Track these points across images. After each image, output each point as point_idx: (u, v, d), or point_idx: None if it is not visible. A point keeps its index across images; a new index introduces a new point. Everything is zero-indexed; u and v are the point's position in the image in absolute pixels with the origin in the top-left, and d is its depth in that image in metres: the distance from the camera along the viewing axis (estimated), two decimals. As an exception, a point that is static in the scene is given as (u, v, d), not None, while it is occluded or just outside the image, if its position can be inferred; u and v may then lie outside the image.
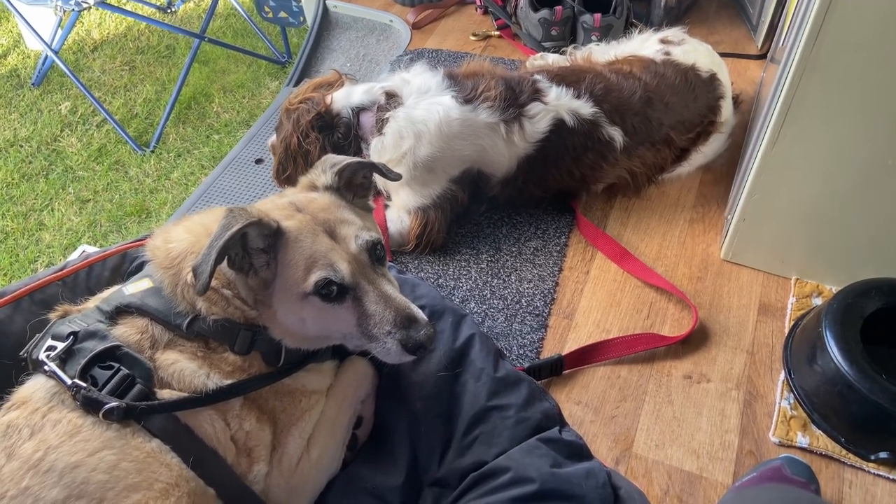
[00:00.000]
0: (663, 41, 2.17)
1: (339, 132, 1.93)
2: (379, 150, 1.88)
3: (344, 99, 1.94)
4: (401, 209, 1.97)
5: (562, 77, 1.97)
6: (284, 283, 1.15)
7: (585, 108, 1.92)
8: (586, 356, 1.71)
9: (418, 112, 1.85)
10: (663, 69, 2.03)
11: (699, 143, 2.11)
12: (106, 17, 4.13)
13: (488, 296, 1.88)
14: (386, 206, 2.03)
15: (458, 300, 1.87)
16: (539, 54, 2.51)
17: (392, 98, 1.90)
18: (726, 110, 2.13)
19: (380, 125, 1.88)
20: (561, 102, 1.91)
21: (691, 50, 2.12)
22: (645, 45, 2.20)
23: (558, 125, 1.90)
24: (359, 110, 1.93)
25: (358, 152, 1.94)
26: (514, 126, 1.88)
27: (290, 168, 1.99)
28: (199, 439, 1.12)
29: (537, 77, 1.95)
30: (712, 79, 2.09)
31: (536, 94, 1.91)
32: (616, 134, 1.94)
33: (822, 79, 1.48)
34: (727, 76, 2.17)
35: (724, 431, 1.58)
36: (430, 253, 2.00)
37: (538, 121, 1.89)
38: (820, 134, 1.57)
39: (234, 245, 1.10)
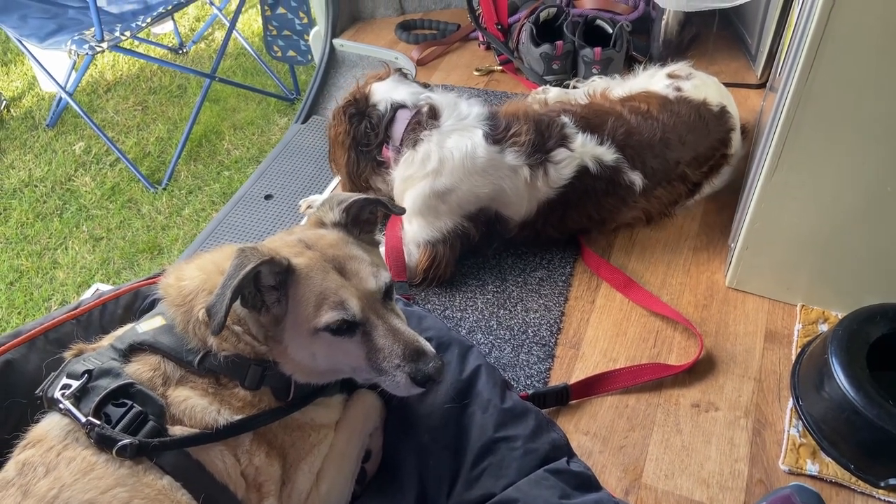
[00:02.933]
0: (671, 76, 2.20)
1: (369, 121, 1.97)
2: (408, 162, 1.91)
3: (385, 92, 1.98)
4: (410, 242, 1.99)
5: (586, 120, 1.98)
6: (295, 319, 1.17)
7: (608, 154, 1.94)
8: (593, 386, 1.71)
9: (450, 141, 1.89)
10: (678, 107, 2.06)
11: (712, 177, 2.14)
12: (119, 59, 4.23)
13: (495, 326, 1.90)
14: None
15: (464, 331, 1.89)
16: (541, 88, 2.55)
17: (433, 116, 1.92)
18: (736, 142, 2.16)
19: (414, 141, 1.91)
20: (586, 149, 1.93)
21: (700, 84, 2.16)
22: (653, 80, 2.24)
23: (582, 172, 1.93)
24: (398, 107, 1.96)
25: (381, 146, 1.98)
26: (538, 171, 1.90)
27: (335, 155, 2.10)
28: (209, 475, 1.14)
29: (565, 120, 1.96)
30: (723, 112, 2.12)
31: (563, 141, 1.93)
32: (636, 178, 1.97)
33: (817, 108, 1.51)
34: (735, 107, 2.20)
35: (734, 460, 1.58)
36: (437, 286, 2.02)
37: (563, 167, 1.92)
38: (818, 162, 1.60)
39: (248, 284, 1.12)
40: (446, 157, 1.87)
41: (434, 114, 1.93)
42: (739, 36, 2.92)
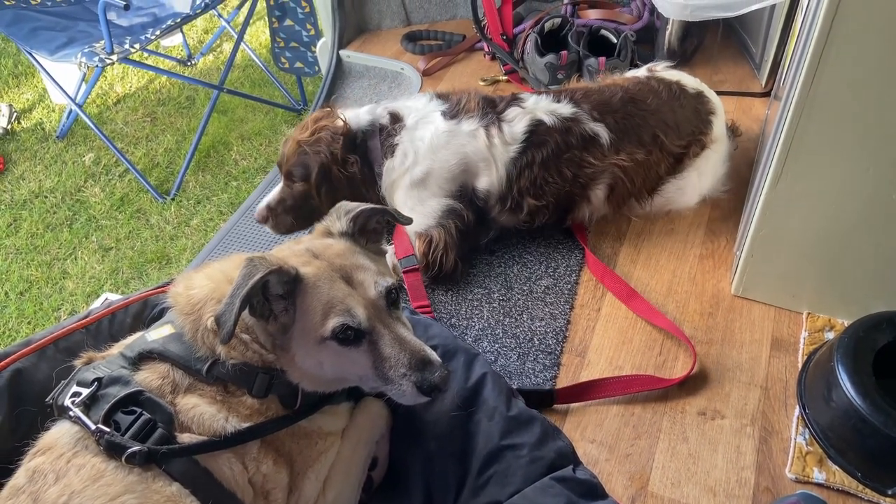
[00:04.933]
0: (650, 69, 2.25)
1: (360, 152, 2.03)
2: (390, 169, 2.01)
3: (354, 121, 2.05)
4: (410, 234, 2.05)
5: (544, 91, 2.09)
6: (303, 327, 1.18)
7: (565, 108, 2.01)
8: (581, 393, 1.72)
9: (418, 132, 1.99)
10: (647, 80, 2.13)
11: (692, 153, 2.12)
12: (128, 71, 4.27)
13: (500, 335, 1.90)
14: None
15: (470, 339, 1.89)
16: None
17: (396, 121, 2.03)
18: (718, 127, 2.16)
19: (391, 149, 2.00)
20: (539, 105, 2.01)
21: (676, 74, 2.20)
22: (635, 74, 2.28)
23: (538, 125, 1.98)
24: (365, 133, 2.04)
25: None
26: (492, 129, 1.98)
27: (338, 197, 1.91)
28: (217, 482, 1.15)
29: (520, 93, 2.09)
30: (699, 94, 2.15)
31: (514, 101, 2.03)
32: (600, 129, 1.99)
33: (821, 117, 1.52)
34: (717, 99, 2.20)
35: (741, 468, 1.57)
36: (442, 277, 2.03)
37: (516, 123, 1.99)
38: (822, 171, 1.60)
39: (256, 293, 1.14)
40: (418, 148, 1.98)
41: (396, 118, 2.03)
42: (743, 44, 2.93)
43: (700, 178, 2.16)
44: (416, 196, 2.00)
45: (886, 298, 1.70)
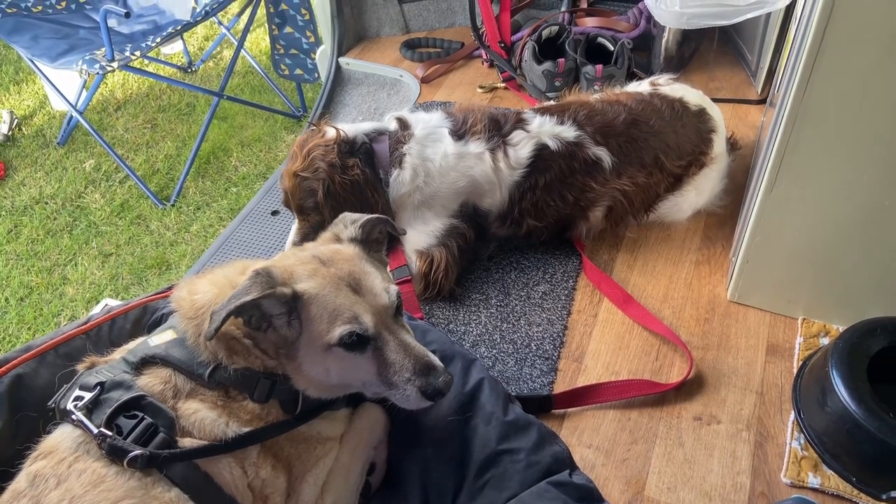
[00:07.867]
0: (653, 84, 2.25)
1: (361, 155, 1.94)
2: (399, 182, 1.97)
3: (352, 128, 2.00)
4: (410, 252, 2.04)
5: (547, 109, 2.08)
6: (309, 336, 1.20)
7: (569, 131, 2.00)
8: (578, 398, 1.73)
9: (428, 150, 1.97)
10: (650, 98, 2.11)
11: (692, 173, 2.14)
12: (129, 78, 4.29)
13: (498, 340, 1.91)
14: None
15: (468, 345, 1.91)
16: (540, 105, 2.58)
17: (405, 127, 2.00)
18: (718, 145, 2.17)
19: (400, 158, 1.97)
20: (543, 129, 1.99)
21: (679, 88, 2.20)
22: (638, 89, 2.28)
23: (542, 150, 1.98)
24: (372, 137, 2.00)
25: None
26: (498, 153, 1.98)
27: (345, 207, 1.80)
28: (217, 487, 1.16)
29: (524, 111, 2.07)
30: (702, 112, 2.14)
31: (519, 124, 2.02)
32: (602, 154, 2.00)
33: (814, 124, 1.53)
34: (719, 114, 2.21)
35: (736, 473, 1.58)
36: (440, 298, 2.04)
37: (521, 147, 1.98)
38: (816, 177, 1.62)
39: (247, 310, 1.16)
40: (430, 169, 1.96)
41: (405, 125, 2.01)
42: (739, 52, 2.95)
43: (698, 196, 2.18)
44: (421, 216, 2.00)
45: (881, 304, 1.72)
